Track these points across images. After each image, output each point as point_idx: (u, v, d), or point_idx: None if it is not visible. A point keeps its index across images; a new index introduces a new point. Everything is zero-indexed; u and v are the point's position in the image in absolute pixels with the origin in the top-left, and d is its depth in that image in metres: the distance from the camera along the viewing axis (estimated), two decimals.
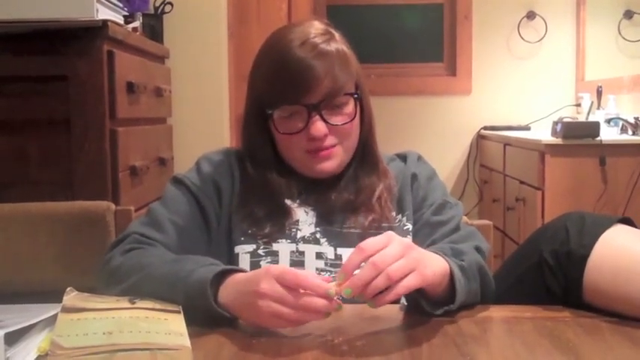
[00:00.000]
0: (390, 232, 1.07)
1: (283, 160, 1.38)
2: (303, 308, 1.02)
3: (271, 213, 1.34)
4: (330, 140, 1.33)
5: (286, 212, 1.35)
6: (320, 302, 1.02)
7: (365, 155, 1.41)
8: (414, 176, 1.42)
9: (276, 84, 1.31)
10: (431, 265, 1.07)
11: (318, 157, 1.34)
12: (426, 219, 1.37)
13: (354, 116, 1.34)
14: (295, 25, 1.37)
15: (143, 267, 1.17)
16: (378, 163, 1.42)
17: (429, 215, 1.37)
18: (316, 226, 1.35)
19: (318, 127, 1.30)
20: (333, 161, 1.35)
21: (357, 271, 1.02)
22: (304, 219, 1.35)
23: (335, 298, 1.02)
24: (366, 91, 1.40)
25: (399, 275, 1.01)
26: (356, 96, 1.35)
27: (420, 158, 1.48)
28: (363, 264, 1.02)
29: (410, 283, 1.02)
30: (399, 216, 1.38)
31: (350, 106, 1.34)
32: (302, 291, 1.02)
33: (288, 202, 1.36)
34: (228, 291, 1.09)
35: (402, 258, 1.02)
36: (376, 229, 1.32)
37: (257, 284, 1.03)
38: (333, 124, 1.32)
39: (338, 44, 1.34)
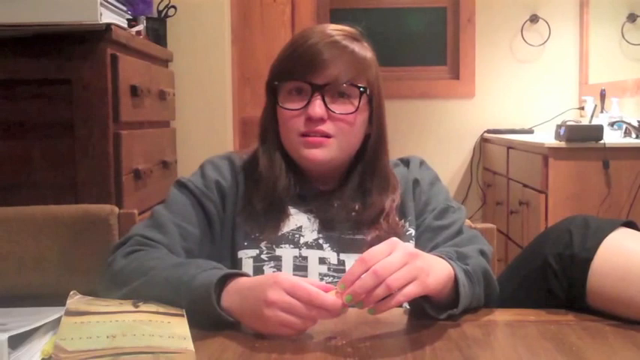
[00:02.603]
0: (393, 239, 1.06)
1: (289, 156, 1.38)
2: (313, 320, 1.04)
3: (274, 219, 1.34)
4: (326, 127, 1.32)
5: (289, 218, 1.35)
6: (330, 315, 1.03)
7: (375, 169, 1.39)
8: (416, 182, 1.42)
9: (287, 59, 1.35)
10: (434, 273, 1.07)
11: (309, 142, 1.33)
12: (428, 224, 1.37)
13: (356, 110, 1.34)
14: (322, 24, 1.42)
15: (146, 270, 1.17)
16: (389, 177, 1.41)
17: (431, 220, 1.37)
18: (319, 232, 1.35)
19: (317, 107, 1.31)
20: (324, 151, 1.33)
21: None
22: (307, 225, 1.35)
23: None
24: (380, 102, 1.39)
25: (398, 285, 1.01)
26: (362, 89, 1.34)
27: (422, 163, 1.47)
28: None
29: (410, 292, 1.03)
30: (402, 221, 1.38)
31: (355, 100, 1.34)
32: None
33: (291, 208, 1.36)
34: (232, 296, 1.09)
35: (404, 267, 1.02)
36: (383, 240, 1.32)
37: (264, 293, 1.04)
38: (333, 112, 1.32)
39: (359, 46, 1.36)
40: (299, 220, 1.35)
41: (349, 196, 1.37)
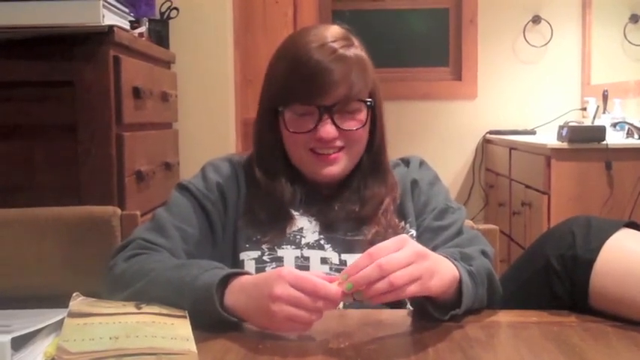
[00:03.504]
0: (403, 236, 1.07)
1: (290, 163, 1.38)
2: (319, 312, 1.03)
3: (275, 221, 1.34)
4: (337, 143, 1.33)
5: (290, 221, 1.35)
6: (334, 305, 1.04)
7: (375, 167, 1.40)
8: (415, 182, 1.42)
9: (291, 83, 1.31)
10: (439, 276, 1.07)
11: (323, 160, 1.34)
12: (428, 224, 1.37)
13: (365, 123, 1.34)
14: (314, 28, 1.37)
15: (147, 273, 1.17)
16: (388, 175, 1.41)
17: (430, 221, 1.37)
18: (320, 234, 1.35)
19: (328, 129, 1.30)
20: (338, 166, 1.35)
21: None
22: (308, 227, 1.35)
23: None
24: (380, 102, 1.39)
25: (401, 283, 1.01)
26: (369, 104, 1.35)
27: (422, 164, 1.47)
28: None
29: (411, 291, 1.03)
30: (402, 223, 1.38)
31: (362, 113, 1.34)
32: None
33: (292, 211, 1.36)
34: (236, 294, 1.09)
35: (410, 265, 1.02)
36: (382, 237, 1.32)
37: (270, 288, 1.03)
38: (343, 129, 1.32)
39: (357, 50, 1.34)
40: (300, 223, 1.35)
41: (349, 198, 1.38)
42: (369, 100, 1.35)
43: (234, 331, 1.08)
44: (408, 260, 1.02)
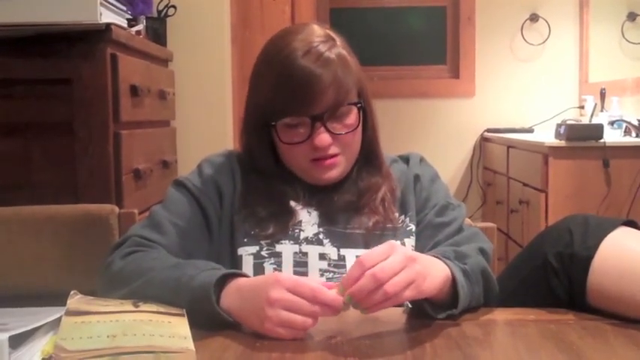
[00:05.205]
0: (392, 242, 1.07)
1: (285, 166, 1.38)
2: (315, 317, 1.04)
3: (274, 214, 1.34)
4: (333, 149, 1.32)
5: (289, 213, 1.35)
6: (331, 312, 1.04)
7: (369, 157, 1.41)
8: (417, 177, 1.42)
9: (281, 95, 1.29)
10: (431, 277, 1.08)
11: (322, 166, 1.33)
12: (429, 220, 1.37)
13: (357, 125, 1.34)
14: (296, 32, 1.34)
15: (144, 272, 1.17)
16: (382, 165, 1.42)
17: (431, 217, 1.38)
18: (319, 226, 1.34)
19: (323, 138, 1.30)
20: (337, 170, 1.35)
21: None
22: (307, 219, 1.35)
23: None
24: (368, 96, 1.39)
25: (396, 290, 1.01)
26: (359, 105, 1.34)
27: (422, 160, 1.48)
28: None
29: (406, 296, 1.04)
30: (402, 217, 1.38)
31: (353, 115, 1.34)
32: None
33: (290, 203, 1.36)
34: (231, 297, 1.09)
35: (402, 271, 1.02)
36: (380, 230, 1.33)
37: (266, 292, 1.04)
38: (336, 134, 1.32)
39: (339, 49, 1.33)
40: (299, 215, 1.35)
41: (348, 189, 1.38)
42: (359, 102, 1.34)
43: (232, 330, 1.08)
44: (400, 266, 1.03)
